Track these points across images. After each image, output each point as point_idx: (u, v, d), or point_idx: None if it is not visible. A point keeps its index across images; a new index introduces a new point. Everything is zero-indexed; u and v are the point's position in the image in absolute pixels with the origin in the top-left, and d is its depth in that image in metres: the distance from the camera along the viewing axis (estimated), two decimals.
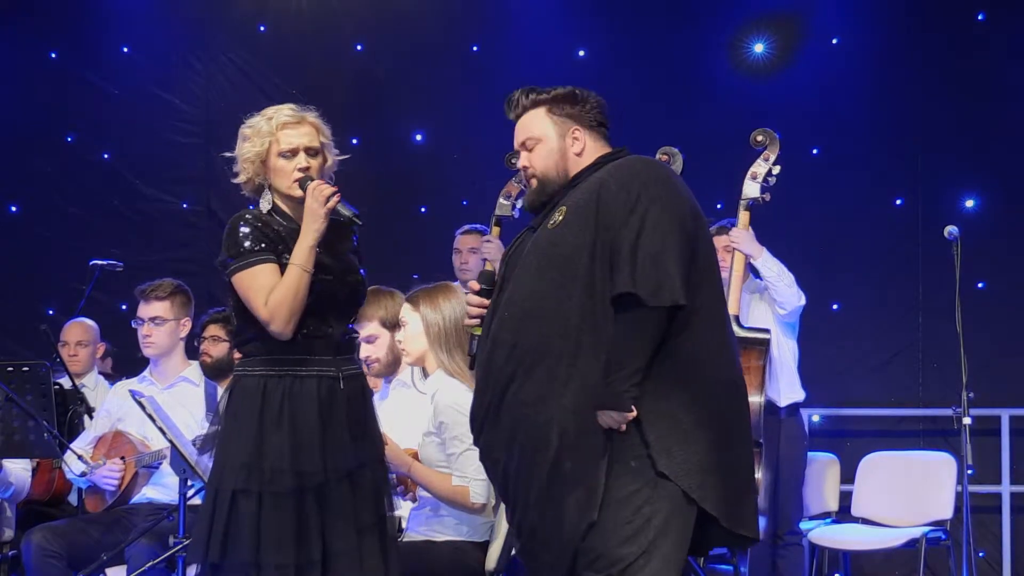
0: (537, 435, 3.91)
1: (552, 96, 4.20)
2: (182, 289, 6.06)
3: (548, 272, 3.96)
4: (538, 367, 3.92)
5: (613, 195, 3.93)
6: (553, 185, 4.12)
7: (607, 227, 3.90)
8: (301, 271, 4.16)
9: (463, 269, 7.43)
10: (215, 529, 4.12)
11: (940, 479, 7.08)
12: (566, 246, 3.95)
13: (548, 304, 3.94)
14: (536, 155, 4.17)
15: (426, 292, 5.14)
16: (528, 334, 3.95)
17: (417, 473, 4.98)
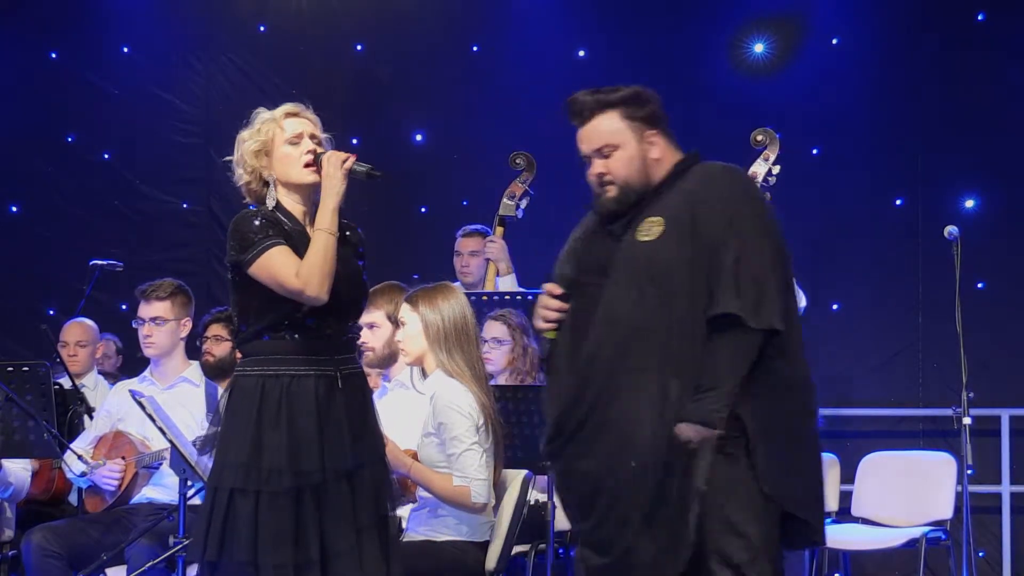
0: (643, 456, 3.84)
1: (622, 98, 4.06)
2: (183, 289, 6.06)
3: (648, 288, 3.88)
4: (640, 385, 3.86)
5: (711, 211, 3.88)
6: (635, 193, 4.00)
7: (706, 244, 3.86)
8: (328, 235, 4.15)
9: (464, 272, 7.41)
10: (213, 528, 4.12)
11: (940, 479, 7.08)
12: (664, 262, 3.88)
13: (650, 322, 3.87)
14: (616, 162, 4.02)
15: (425, 292, 5.14)
16: (630, 351, 3.88)
17: (417, 474, 4.98)
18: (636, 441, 3.86)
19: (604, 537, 3.94)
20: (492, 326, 6.13)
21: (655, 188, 4.01)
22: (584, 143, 4.10)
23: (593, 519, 3.96)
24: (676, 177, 4.02)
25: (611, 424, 3.90)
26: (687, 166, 4.04)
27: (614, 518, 3.91)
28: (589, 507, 3.98)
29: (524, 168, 7.01)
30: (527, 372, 6.09)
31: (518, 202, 7.01)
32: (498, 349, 6.08)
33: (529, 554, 5.71)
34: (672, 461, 3.83)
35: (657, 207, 3.97)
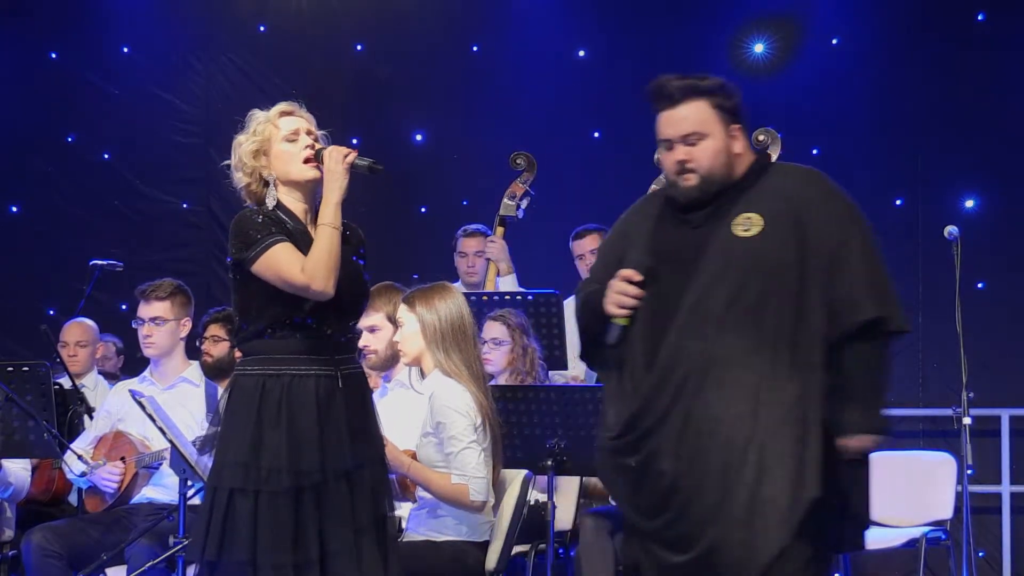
0: (733, 452, 3.81)
1: (712, 87, 4.03)
2: (182, 289, 6.06)
3: (747, 284, 3.84)
4: (735, 380, 3.82)
5: (819, 216, 3.87)
6: (716, 185, 3.94)
7: (822, 248, 3.84)
8: (332, 229, 4.16)
9: (469, 272, 7.38)
10: (212, 527, 4.11)
11: (940, 479, 7.08)
12: (768, 260, 3.85)
13: (747, 317, 3.83)
14: (701, 152, 3.95)
15: (422, 292, 5.13)
16: (723, 344, 3.83)
17: (416, 473, 4.98)
18: (724, 439, 3.81)
19: (681, 533, 3.87)
20: (491, 327, 6.13)
21: (737, 182, 3.97)
22: (669, 127, 4.02)
23: (668, 515, 3.89)
24: (758, 173, 3.99)
25: (694, 418, 3.85)
26: (764, 163, 4.03)
27: (691, 515, 3.85)
28: (663, 504, 3.90)
29: (524, 168, 7.01)
30: (527, 372, 6.09)
31: (518, 202, 7.01)
32: (498, 350, 6.08)
33: (529, 554, 5.71)
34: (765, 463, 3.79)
35: (748, 203, 3.93)
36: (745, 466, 3.80)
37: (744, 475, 3.80)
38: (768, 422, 3.81)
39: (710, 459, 3.83)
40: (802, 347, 3.83)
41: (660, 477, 3.89)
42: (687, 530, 3.87)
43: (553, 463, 5.24)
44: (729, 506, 3.81)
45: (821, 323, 3.83)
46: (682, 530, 3.88)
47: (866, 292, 3.82)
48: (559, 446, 5.25)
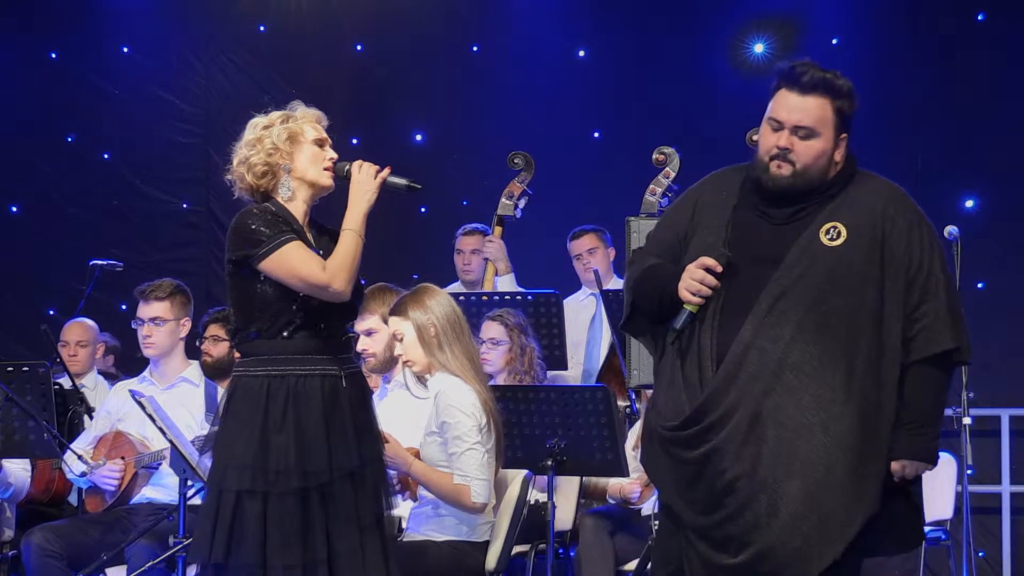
0: (799, 459, 3.78)
1: (843, 89, 3.99)
2: (181, 289, 6.06)
3: (831, 293, 3.83)
4: (806, 388, 3.80)
5: (904, 234, 3.86)
6: (807, 185, 3.91)
7: (902, 268, 3.84)
8: (357, 236, 4.21)
9: (466, 270, 7.41)
10: (219, 529, 4.10)
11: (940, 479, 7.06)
12: (852, 272, 3.83)
13: (828, 326, 3.82)
14: (808, 148, 3.90)
15: (410, 298, 5.10)
16: (800, 349, 3.81)
17: (417, 471, 4.98)
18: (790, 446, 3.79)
19: (733, 535, 3.84)
20: (489, 327, 6.12)
21: (826, 187, 3.94)
22: (786, 111, 3.96)
23: (722, 513, 3.85)
24: (846, 181, 3.96)
25: (762, 420, 3.81)
26: (852, 171, 4.00)
27: (747, 517, 3.82)
28: (717, 503, 3.86)
29: (522, 168, 7.01)
30: (525, 372, 6.09)
31: (516, 202, 7.01)
32: (495, 349, 6.08)
33: (529, 554, 5.71)
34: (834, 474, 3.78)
35: (835, 211, 3.91)
36: (810, 476, 3.77)
37: (807, 485, 3.77)
38: (839, 435, 3.79)
39: (774, 464, 3.80)
40: (878, 365, 3.83)
41: (719, 476, 3.84)
42: (737, 533, 3.83)
43: (553, 463, 5.24)
44: (788, 514, 3.78)
45: (898, 344, 3.83)
46: (732, 532, 3.84)
47: (946, 322, 3.83)
48: (559, 446, 5.25)
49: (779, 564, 3.79)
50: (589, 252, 7.24)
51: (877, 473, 3.82)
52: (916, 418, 3.83)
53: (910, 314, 3.83)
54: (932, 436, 3.85)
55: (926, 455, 3.85)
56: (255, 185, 4.26)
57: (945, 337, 3.82)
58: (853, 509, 3.79)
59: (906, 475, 3.84)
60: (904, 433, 3.83)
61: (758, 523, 3.80)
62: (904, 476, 3.84)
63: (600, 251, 7.23)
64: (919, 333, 3.82)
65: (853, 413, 3.79)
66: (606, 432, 5.23)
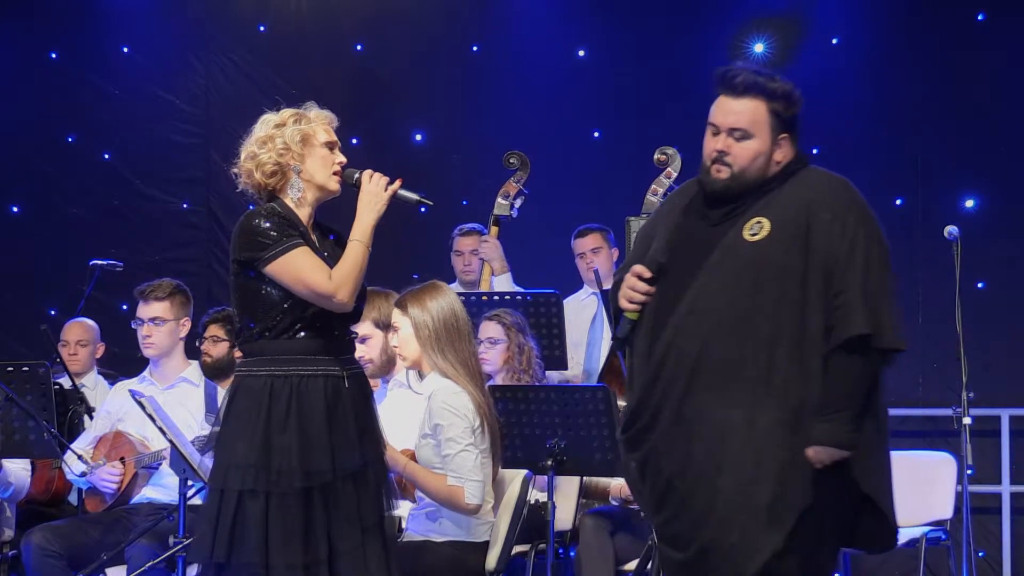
0: (726, 454, 3.83)
1: (776, 91, 4.02)
2: (181, 289, 6.06)
3: (749, 288, 3.86)
4: (728, 384, 3.84)
5: (827, 225, 3.87)
6: (744, 186, 3.96)
7: (822, 259, 3.85)
8: (364, 247, 4.21)
9: (466, 271, 7.40)
10: (220, 529, 4.11)
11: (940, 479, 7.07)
12: (772, 266, 3.86)
13: (746, 321, 3.85)
14: (742, 149, 3.96)
15: (413, 294, 5.11)
16: (718, 347, 3.85)
17: (411, 473, 4.98)
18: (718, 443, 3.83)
19: (677, 532, 3.93)
20: (487, 326, 6.13)
21: (762, 185, 3.98)
22: (721, 115, 4.03)
23: (666, 512, 3.94)
24: (784, 178, 3.99)
25: (686, 418, 3.88)
26: (795, 168, 4.02)
27: (687, 514, 3.89)
28: (662, 501, 3.95)
29: (518, 167, 7.00)
30: (523, 371, 6.09)
31: (512, 201, 7.00)
32: (493, 349, 6.08)
33: (529, 554, 5.71)
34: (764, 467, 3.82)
35: (764, 207, 3.94)
36: (740, 470, 3.83)
37: (739, 479, 3.83)
38: (765, 428, 3.82)
39: (704, 461, 3.86)
40: (803, 356, 3.85)
41: (659, 474, 3.93)
42: (681, 530, 3.91)
43: (553, 463, 5.24)
44: (722, 509, 3.84)
45: (821, 334, 3.85)
46: (677, 529, 3.92)
47: (858, 308, 3.83)
48: (559, 446, 5.25)
49: (721, 558, 3.85)
50: (593, 251, 7.24)
51: (807, 465, 3.84)
52: (829, 404, 3.84)
53: (830, 305, 3.84)
54: (845, 422, 3.84)
55: (838, 441, 3.83)
56: (263, 183, 4.26)
57: (856, 323, 3.82)
58: (787, 500, 3.82)
59: (820, 460, 3.84)
60: (818, 420, 3.84)
61: (697, 520, 3.87)
62: (820, 462, 3.84)
63: (604, 251, 7.23)
64: (836, 322, 3.84)
65: (778, 406, 3.83)
66: (606, 432, 5.23)
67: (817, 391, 3.85)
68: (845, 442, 3.84)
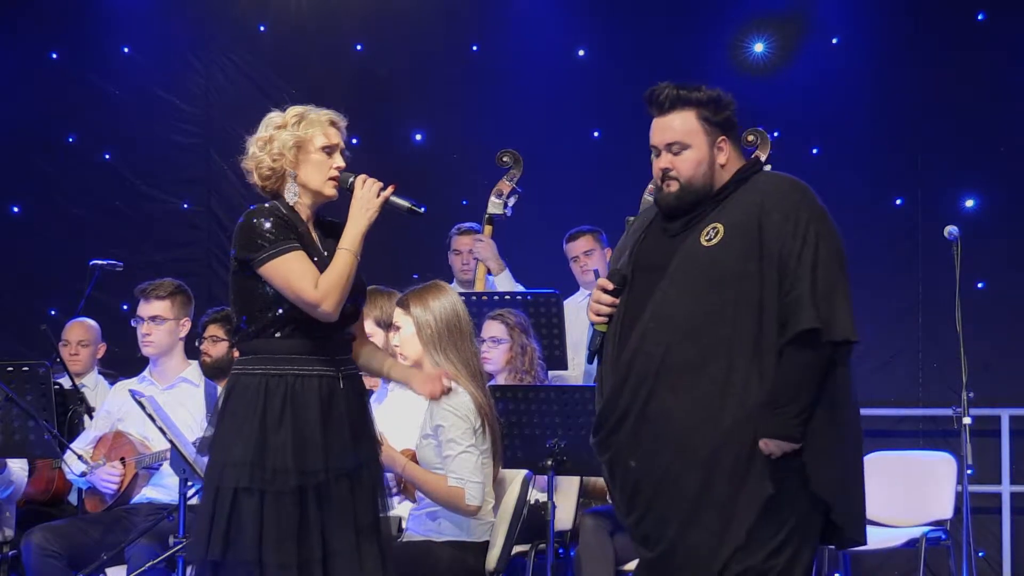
0: (688, 454, 3.93)
1: (701, 99, 4.09)
2: (182, 289, 6.06)
3: (707, 292, 3.95)
4: (691, 385, 3.94)
5: (778, 225, 3.94)
6: (695, 195, 4.07)
7: (775, 258, 3.92)
8: (352, 256, 4.20)
9: (464, 270, 7.41)
10: (216, 527, 4.11)
11: (940, 479, 7.07)
12: (727, 269, 3.95)
13: (706, 324, 3.94)
14: (683, 161, 4.07)
15: (416, 293, 5.11)
16: (680, 350, 3.95)
17: (410, 473, 4.97)
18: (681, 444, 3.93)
19: (646, 532, 4.04)
20: (490, 326, 6.13)
21: (716, 193, 4.07)
22: (656, 135, 4.12)
23: (636, 513, 4.05)
24: (738, 184, 4.07)
25: (650, 420, 3.98)
26: (749, 174, 4.10)
27: (653, 514, 4.00)
28: (632, 501, 4.06)
29: (511, 166, 6.99)
30: (526, 371, 6.09)
31: (506, 200, 6.99)
32: (496, 348, 6.08)
33: (529, 554, 5.71)
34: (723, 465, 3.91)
35: (719, 213, 4.04)
36: (702, 470, 3.92)
37: (702, 478, 3.92)
38: (727, 428, 3.92)
39: (667, 462, 3.96)
40: (761, 355, 3.93)
41: (626, 475, 4.05)
42: (650, 529, 4.02)
43: (553, 463, 5.25)
44: (686, 508, 3.94)
45: (776, 332, 3.92)
46: (647, 529, 4.03)
47: (806, 303, 3.90)
48: (559, 446, 5.26)
49: (687, 556, 3.95)
50: (586, 254, 7.24)
51: (765, 460, 3.92)
52: (778, 398, 3.90)
53: (782, 302, 3.92)
54: (793, 415, 3.89)
55: (786, 433, 3.89)
56: (262, 184, 4.28)
57: (803, 318, 3.89)
58: (748, 496, 3.91)
59: (771, 452, 3.91)
60: (767, 412, 3.90)
61: (663, 519, 3.98)
62: (770, 453, 3.91)
63: (597, 252, 7.23)
64: (786, 318, 3.91)
65: (738, 404, 3.91)
66: None
67: None
68: (793, 434, 3.89)
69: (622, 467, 4.05)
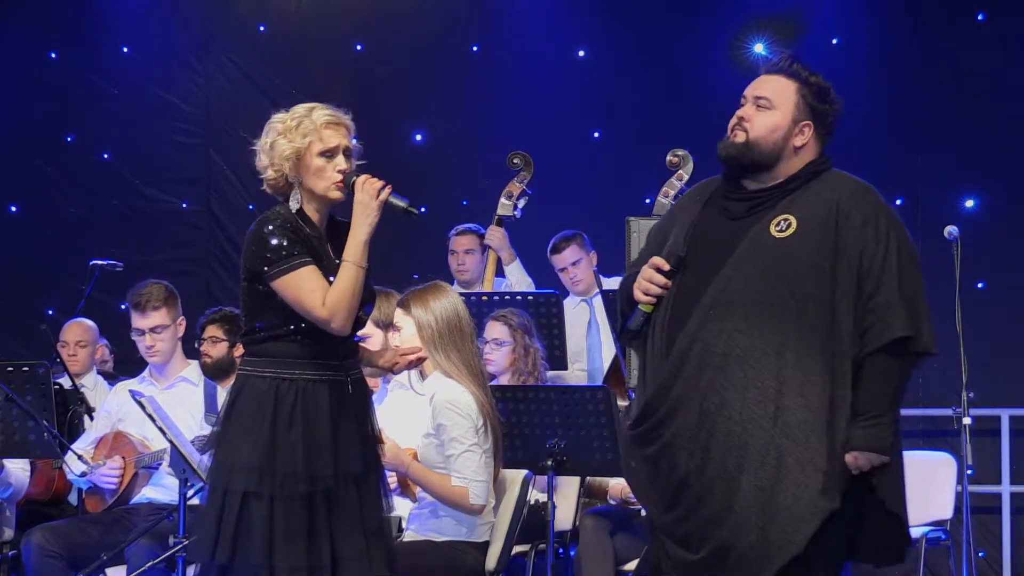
0: (749, 454, 3.77)
1: (808, 79, 4.06)
2: (170, 290, 6.07)
3: (777, 284, 3.83)
4: (753, 379, 3.80)
5: (858, 229, 3.87)
6: (757, 156, 3.97)
7: (854, 261, 3.84)
8: (357, 268, 4.14)
9: (461, 270, 7.43)
10: (223, 530, 4.09)
11: (940, 479, 7.07)
12: (800, 264, 3.84)
13: (773, 317, 3.81)
14: (761, 118, 4.00)
15: (416, 294, 5.10)
16: (744, 341, 3.82)
17: (415, 472, 4.97)
18: (739, 440, 3.78)
19: (691, 532, 3.86)
20: (493, 327, 6.12)
21: (786, 182, 3.98)
22: (753, 86, 4.11)
23: (679, 511, 3.88)
24: (808, 177, 3.99)
25: (707, 415, 3.82)
26: (820, 169, 4.03)
27: (701, 514, 3.83)
28: (675, 499, 3.89)
29: (521, 168, 7.00)
30: (529, 372, 6.08)
31: (515, 202, 7.01)
32: (499, 350, 6.08)
33: (529, 554, 5.71)
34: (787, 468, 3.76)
35: (790, 204, 3.94)
36: (761, 470, 3.77)
37: (759, 479, 3.77)
38: (790, 428, 3.77)
39: (724, 459, 3.80)
40: (832, 356, 3.81)
41: (673, 471, 3.87)
42: (696, 528, 3.85)
43: (553, 463, 5.24)
44: (741, 509, 3.78)
45: (851, 335, 3.82)
46: (691, 528, 3.86)
47: (898, 311, 3.81)
48: (559, 446, 5.25)
49: (738, 559, 3.79)
50: (574, 264, 7.22)
51: (837, 469, 3.80)
52: (870, 409, 3.83)
53: (863, 306, 3.83)
54: (886, 426, 3.84)
55: (879, 446, 3.83)
56: (271, 190, 4.25)
57: (897, 325, 3.80)
58: (811, 504, 3.76)
59: (860, 467, 3.82)
60: (858, 424, 3.82)
61: (713, 519, 3.81)
62: (859, 468, 3.82)
63: (584, 261, 7.20)
64: (872, 324, 3.82)
65: (810, 406, 3.78)
66: (606, 432, 5.23)
67: (844, 394, 3.82)
68: (886, 447, 3.82)
69: (668, 461, 3.87)
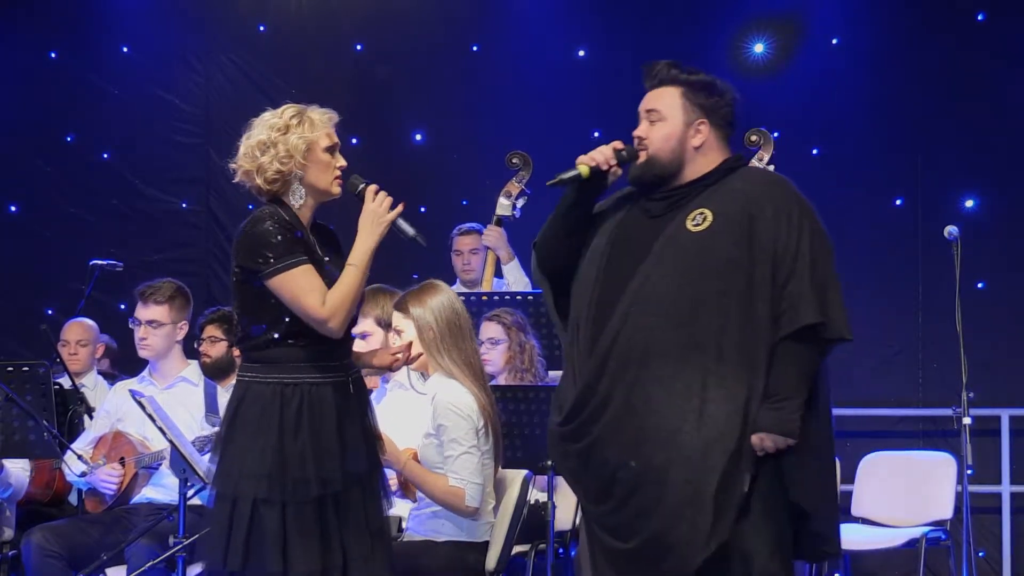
0: (676, 448, 3.85)
1: (690, 80, 4.15)
2: (182, 292, 6.03)
3: (695, 280, 3.91)
4: (676, 374, 3.88)
5: (770, 220, 3.92)
6: (660, 169, 4.07)
7: (768, 251, 3.89)
8: (360, 272, 4.16)
9: (466, 270, 7.42)
10: (234, 538, 4.07)
11: (940, 479, 7.08)
12: (716, 258, 3.91)
13: (693, 311, 3.89)
14: (655, 131, 4.10)
15: (413, 294, 5.10)
16: (666, 336, 3.90)
17: (410, 472, 4.97)
18: (667, 435, 3.86)
19: (622, 523, 3.95)
20: (488, 327, 6.12)
21: (700, 179, 4.05)
22: (643, 104, 4.17)
23: (610, 504, 3.97)
24: (723, 174, 4.06)
25: (633, 410, 3.90)
26: (734, 166, 4.09)
27: (631, 506, 3.92)
28: (606, 492, 3.97)
29: (520, 167, 7.00)
30: (526, 369, 6.08)
31: (514, 201, 7.00)
32: (495, 349, 6.07)
33: (529, 554, 5.71)
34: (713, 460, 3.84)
35: (706, 199, 4.01)
36: (689, 463, 3.85)
37: (687, 472, 3.85)
38: (715, 420, 3.86)
39: (653, 453, 3.88)
40: (750, 347, 3.88)
41: (603, 466, 3.97)
42: (627, 520, 3.94)
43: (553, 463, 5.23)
44: (670, 500, 3.86)
45: (768, 325, 3.89)
46: (623, 519, 3.95)
47: (808, 299, 3.88)
48: None
49: (666, 549, 3.88)
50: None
51: (750, 454, 3.88)
52: (777, 392, 3.87)
53: (777, 295, 3.89)
54: (792, 410, 3.87)
55: (785, 429, 3.87)
56: (265, 189, 4.23)
57: (807, 313, 3.87)
58: (731, 493, 3.85)
59: (765, 448, 3.88)
60: (765, 407, 3.87)
61: (644, 510, 3.91)
62: (764, 449, 3.88)
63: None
64: (784, 311, 3.88)
65: (727, 397, 3.86)
66: None
67: (763, 382, 3.89)
68: (791, 430, 3.87)
69: (598, 456, 3.96)
